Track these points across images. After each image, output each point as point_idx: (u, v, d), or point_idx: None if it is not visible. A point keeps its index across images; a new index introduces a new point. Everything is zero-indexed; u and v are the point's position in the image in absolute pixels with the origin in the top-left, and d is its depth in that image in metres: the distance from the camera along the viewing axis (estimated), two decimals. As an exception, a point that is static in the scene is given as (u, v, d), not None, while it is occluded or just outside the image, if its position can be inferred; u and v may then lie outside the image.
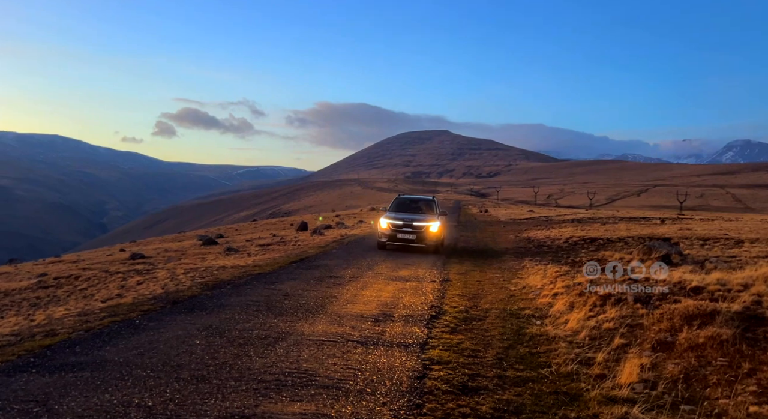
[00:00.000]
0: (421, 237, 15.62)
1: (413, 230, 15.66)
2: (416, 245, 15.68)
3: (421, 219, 16.01)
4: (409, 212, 16.96)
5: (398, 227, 15.79)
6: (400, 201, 18.18)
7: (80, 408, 3.86)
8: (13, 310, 8.70)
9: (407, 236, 15.63)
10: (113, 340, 5.79)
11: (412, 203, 18.09)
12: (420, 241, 15.64)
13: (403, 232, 15.69)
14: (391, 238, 15.84)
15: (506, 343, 6.41)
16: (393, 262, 13.42)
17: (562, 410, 4.45)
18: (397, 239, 15.76)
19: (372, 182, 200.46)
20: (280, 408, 4.07)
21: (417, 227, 15.71)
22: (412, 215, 16.32)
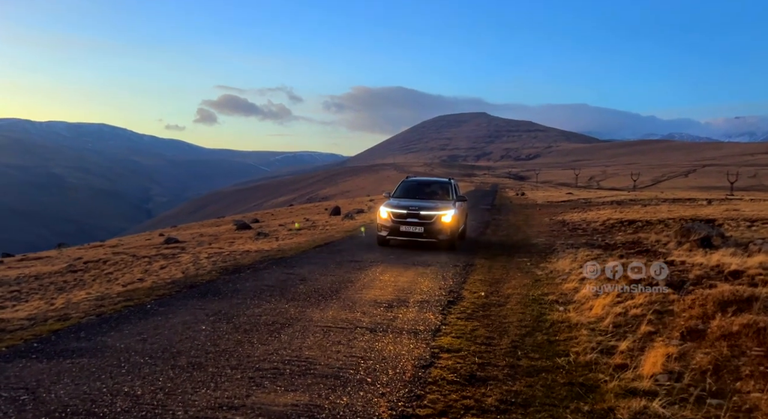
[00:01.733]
0: (430, 230, 12.30)
1: (421, 220, 12.34)
2: (425, 240, 12.40)
3: (431, 207, 12.66)
4: (419, 197, 13.75)
5: (401, 218, 12.43)
6: (407, 184, 14.68)
7: (68, 397, 3.78)
8: (39, 294, 8.87)
9: (413, 229, 12.33)
10: (120, 325, 5.76)
11: (423, 187, 14.70)
12: (430, 235, 12.32)
13: (408, 223, 12.37)
14: (392, 231, 12.54)
15: (524, 330, 6.10)
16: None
17: (575, 403, 4.14)
18: (400, 232, 12.46)
19: (408, 166, 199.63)
20: (272, 398, 3.91)
21: (425, 217, 12.35)
22: (420, 202, 13.02)
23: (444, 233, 12.34)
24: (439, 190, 14.41)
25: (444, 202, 13.29)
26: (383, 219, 12.69)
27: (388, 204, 12.93)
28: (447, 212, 12.45)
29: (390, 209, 12.65)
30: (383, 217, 12.69)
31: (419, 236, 12.34)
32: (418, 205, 12.69)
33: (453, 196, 13.98)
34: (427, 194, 14.20)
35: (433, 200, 13.56)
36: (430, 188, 14.64)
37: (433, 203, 13.10)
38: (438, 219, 12.32)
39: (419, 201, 13.17)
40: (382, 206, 12.90)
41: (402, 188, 14.46)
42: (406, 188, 14.47)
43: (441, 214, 12.37)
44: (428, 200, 13.52)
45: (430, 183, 15.04)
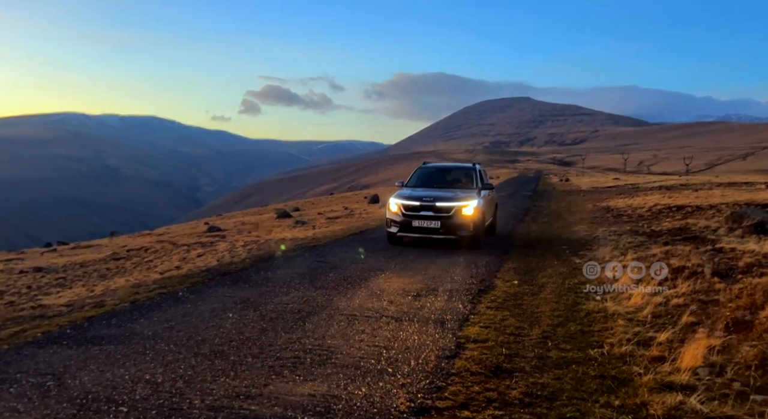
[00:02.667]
0: (449, 224, 10.36)
1: (437, 214, 10.42)
2: (442, 236, 10.49)
3: (450, 197, 10.73)
4: (437, 186, 11.83)
5: (414, 211, 10.52)
6: (423, 171, 12.65)
7: (91, 383, 3.85)
8: (82, 281, 9.18)
9: (427, 224, 10.42)
10: (150, 313, 5.87)
11: (442, 174, 12.75)
12: (448, 230, 10.39)
13: (422, 217, 10.45)
14: (403, 227, 10.63)
15: (556, 320, 5.88)
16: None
17: (605, 397, 3.94)
18: (412, 228, 10.55)
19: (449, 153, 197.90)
20: (290, 388, 3.88)
21: (442, 210, 10.41)
22: (437, 192, 11.13)
23: (465, 228, 10.40)
24: (461, 177, 12.37)
25: (466, 191, 11.31)
26: (393, 213, 10.78)
27: (399, 195, 11.02)
28: (469, 202, 10.50)
29: (400, 200, 10.75)
30: (393, 210, 10.78)
31: (435, 232, 10.42)
32: (434, 195, 10.76)
33: (477, 183, 11.83)
34: (446, 182, 12.25)
35: (454, 189, 11.62)
36: (451, 175, 12.69)
37: (452, 192, 11.15)
38: (458, 212, 10.36)
39: (436, 191, 11.25)
40: (392, 197, 11.01)
41: (417, 176, 12.42)
42: (423, 175, 12.44)
43: (461, 205, 10.41)
44: (448, 189, 11.55)
45: (451, 169, 13.15)
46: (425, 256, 9.75)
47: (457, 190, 11.45)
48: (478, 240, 10.75)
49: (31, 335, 5.16)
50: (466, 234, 10.44)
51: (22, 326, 5.63)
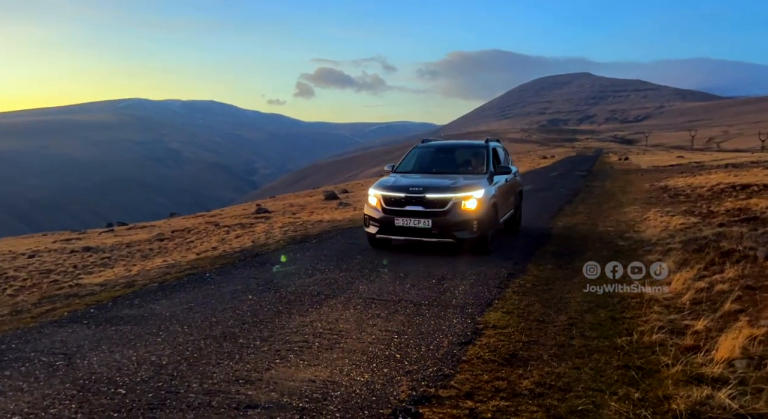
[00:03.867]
0: (443, 223, 7.71)
1: (427, 209, 7.75)
2: (434, 239, 7.85)
3: (445, 187, 7.98)
4: (435, 171, 9.13)
5: (397, 205, 7.90)
6: (420, 152, 9.86)
7: (98, 364, 3.92)
8: (124, 261, 9.51)
9: (415, 223, 7.76)
10: (173, 293, 5.97)
11: (444, 155, 9.85)
12: (442, 231, 7.75)
13: (407, 214, 7.81)
14: (384, 227, 8.01)
15: (586, 306, 5.57)
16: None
17: (625, 389, 3.66)
18: (394, 228, 7.93)
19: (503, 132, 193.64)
20: (291, 373, 3.81)
21: (434, 203, 7.76)
22: (430, 180, 8.40)
23: (466, 228, 7.71)
24: (469, 158, 9.49)
25: (472, 177, 8.49)
26: (371, 207, 8.17)
27: (380, 184, 8.33)
28: (472, 192, 7.80)
29: (380, 191, 8.08)
30: (371, 204, 8.18)
31: (425, 233, 7.72)
32: (424, 184, 8.04)
33: (489, 167, 8.87)
34: (449, 165, 9.39)
35: (456, 174, 8.78)
36: (455, 156, 9.80)
37: (451, 179, 8.31)
38: (456, 206, 7.70)
39: (432, 178, 8.62)
40: (372, 186, 8.39)
41: (412, 159, 9.65)
42: (419, 157, 9.67)
43: (461, 197, 7.74)
44: (449, 174, 8.77)
45: (455, 149, 10.13)
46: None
47: (459, 176, 8.52)
48: (487, 243, 8.01)
49: (58, 314, 5.34)
50: (467, 236, 7.71)
51: (55, 304, 5.85)
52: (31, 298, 6.65)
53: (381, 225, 8.03)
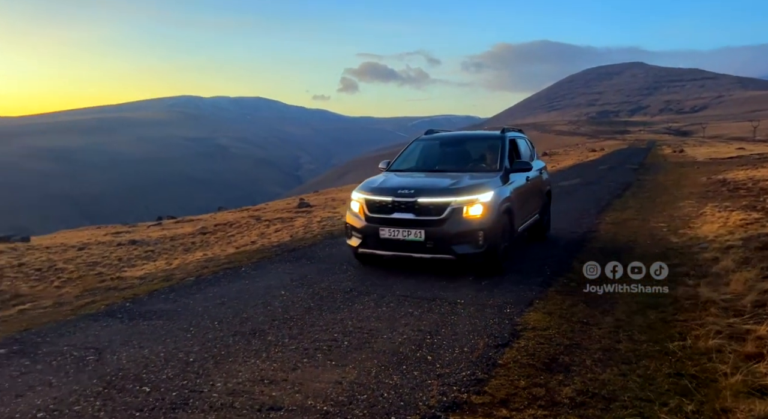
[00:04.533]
0: (439, 236, 6.05)
1: (419, 217, 6.13)
2: (428, 255, 6.17)
3: (443, 189, 6.31)
4: (438, 170, 7.41)
5: (383, 212, 6.31)
6: (422, 146, 8.16)
7: (126, 360, 3.91)
8: (166, 254, 9.67)
9: (404, 235, 6.14)
10: (208, 288, 5.96)
11: (450, 149, 8.15)
12: (438, 245, 6.07)
13: (394, 224, 6.21)
14: (368, 238, 6.42)
15: (635, 307, 5.22)
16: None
17: (677, 399, 3.37)
18: (380, 241, 6.30)
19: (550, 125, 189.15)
20: (317, 374, 3.68)
21: (428, 210, 6.12)
22: (426, 180, 6.85)
23: (469, 241, 6.04)
24: (482, 152, 7.72)
25: (480, 176, 6.73)
26: (353, 214, 6.62)
27: (365, 186, 6.72)
28: (478, 195, 6.14)
29: (363, 194, 6.52)
30: (353, 210, 6.62)
31: (417, 248, 6.11)
32: (417, 185, 6.42)
33: (504, 163, 7.11)
34: (455, 161, 7.63)
35: (463, 172, 7.04)
36: (463, 150, 8.06)
37: (454, 179, 6.59)
38: (456, 213, 6.04)
39: (430, 177, 7.03)
40: (355, 189, 6.77)
41: (411, 154, 7.99)
42: (420, 152, 8.03)
43: (463, 201, 6.07)
44: (453, 173, 7.02)
45: (462, 141, 8.43)
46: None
47: (465, 174, 6.81)
48: (497, 259, 6.26)
49: (96, 307, 5.40)
50: (472, 251, 6.02)
51: (95, 297, 5.94)
52: (75, 290, 6.80)
53: (364, 237, 6.37)
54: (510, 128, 8.29)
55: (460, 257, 6.07)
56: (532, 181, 7.98)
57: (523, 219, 7.49)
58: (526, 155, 8.25)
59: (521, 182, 7.39)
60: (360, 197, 6.55)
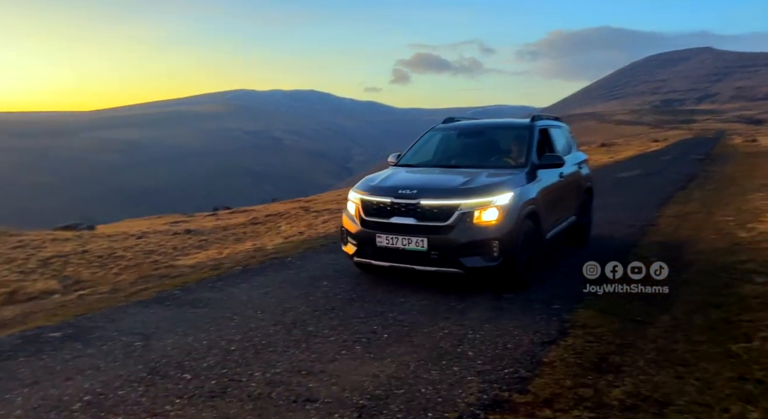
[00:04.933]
0: (442, 244, 5.13)
1: (421, 222, 5.19)
2: (432, 269, 5.22)
3: (451, 189, 5.39)
4: (455, 164, 6.50)
5: (380, 215, 5.42)
6: (438, 137, 7.21)
7: (170, 347, 3.99)
8: (218, 243, 9.91)
9: (404, 244, 5.21)
10: (254, 277, 6.04)
11: (467, 140, 7.17)
12: (442, 255, 5.14)
13: (393, 229, 5.30)
14: (363, 246, 5.53)
15: (695, 305, 4.91)
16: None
17: (740, 405, 3.12)
18: (376, 249, 5.39)
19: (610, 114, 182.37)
20: (355, 366, 3.65)
21: (432, 214, 5.18)
22: (434, 178, 6.05)
23: (481, 252, 5.12)
24: (506, 145, 6.72)
25: (500, 173, 5.75)
26: (349, 216, 5.77)
27: (364, 184, 5.86)
28: (493, 197, 5.20)
29: (360, 194, 5.67)
30: (350, 212, 5.79)
31: (419, 259, 5.21)
32: (421, 184, 5.58)
33: (531, 158, 6.08)
34: (474, 155, 6.67)
35: (482, 168, 6.01)
36: (483, 141, 7.01)
37: (467, 176, 5.61)
38: (466, 218, 5.12)
39: (440, 174, 6.20)
40: (353, 188, 5.93)
41: (424, 146, 7.07)
42: (434, 144, 7.11)
43: (474, 204, 5.15)
44: (470, 169, 5.99)
45: (483, 131, 7.34)
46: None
47: (483, 171, 5.81)
48: (518, 272, 5.32)
49: (147, 294, 5.58)
50: (484, 264, 5.09)
51: (148, 284, 6.14)
52: (130, 277, 7.06)
53: (359, 244, 5.49)
54: (542, 116, 7.27)
55: (470, 271, 5.09)
56: (567, 178, 6.85)
57: (555, 223, 6.50)
58: (562, 148, 7.15)
59: (552, 179, 6.34)
60: (356, 198, 5.65)
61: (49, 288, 7.04)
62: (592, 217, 8.21)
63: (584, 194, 7.78)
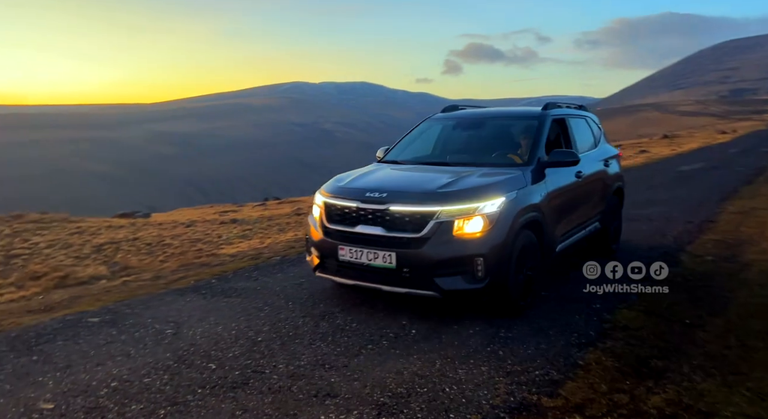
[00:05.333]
0: (414, 261, 4.12)
1: (390, 232, 4.21)
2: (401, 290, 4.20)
3: (428, 193, 4.33)
4: (449, 161, 5.41)
5: (344, 223, 4.49)
6: (434, 128, 6.25)
7: (200, 336, 4.03)
8: (261, 233, 10.06)
9: (369, 258, 4.26)
10: (289, 268, 6.05)
11: (465, 132, 6.14)
12: (414, 274, 4.13)
13: (356, 241, 4.36)
14: (325, 258, 4.62)
15: (752, 309, 4.56)
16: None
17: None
18: (338, 263, 4.47)
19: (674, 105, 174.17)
20: (380, 362, 3.56)
21: (401, 222, 4.21)
22: (412, 177, 5.07)
23: (461, 272, 4.13)
24: (516, 138, 5.64)
25: (495, 174, 4.72)
26: (314, 221, 4.88)
27: (332, 186, 4.90)
28: (479, 203, 4.20)
29: (326, 197, 4.74)
30: (315, 216, 4.89)
31: (386, 278, 4.26)
32: (394, 185, 4.67)
33: (537, 153, 5.03)
34: (473, 150, 5.76)
35: (480, 166, 5.01)
36: (486, 133, 5.95)
37: (454, 176, 4.61)
38: (444, 229, 4.13)
39: (427, 172, 5.13)
40: (320, 189, 4.96)
41: (419, 138, 6.15)
42: (428, 136, 6.20)
43: (455, 211, 4.16)
44: (467, 166, 5.04)
45: (487, 121, 6.17)
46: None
47: (477, 170, 4.83)
48: (508, 297, 4.31)
49: (185, 282, 5.68)
50: (465, 287, 4.13)
51: (188, 273, 6.26)
52: (174, 265, 7.23)
53: (321, 254, 4.64)
54: (560, 104, 6.10)
55: (448, 294, 4.13)
56: (588, 177, 5.79)
57: (569, 232, 5.43)
58: (585, 141, 6.11)
59: (566, 179, 5.28)
60: (320, 200, 4.72)
61: (98, 274, 7.31)
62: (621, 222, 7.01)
63: (612, 196, 6.57)
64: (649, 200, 10.70)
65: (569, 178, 5.38)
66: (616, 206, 6.76)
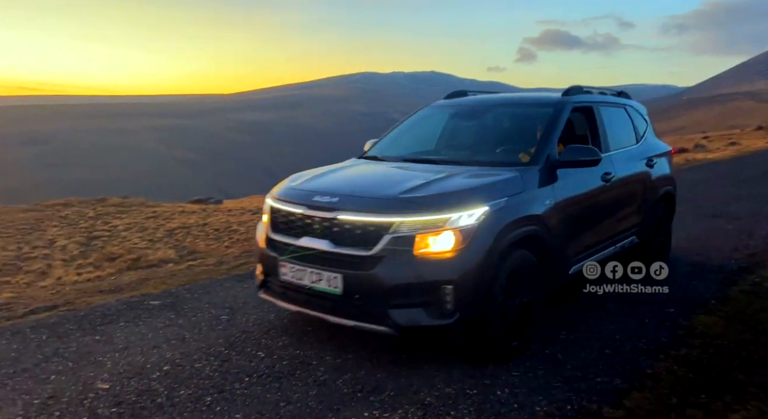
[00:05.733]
0: (364, 286, 3.17)
1: (338, 247, 3.26)
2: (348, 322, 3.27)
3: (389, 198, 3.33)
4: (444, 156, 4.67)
5: (289, 232, 3.58)
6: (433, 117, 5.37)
7: (253, 323, 4.06)
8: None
9: (311, 278, 3.35)
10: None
11: (466, 123, 5.15)
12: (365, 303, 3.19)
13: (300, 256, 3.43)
14: (267, 275, 3.75)
15: None
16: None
17: None
18: (279, 283, 3.59)
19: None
20: (429, 360, 3.44)
21: (351, 236, 3.25)
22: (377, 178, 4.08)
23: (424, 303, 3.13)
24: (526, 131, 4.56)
25: (486, 173, 3.72)
26: (259, 230, 3.96)
27: (284, 187, 3.92)
28: (452, 214, 3.18)
29: (272, 200, 3.81)
30: (263, 221, 3.91)
31: (333, 306, 3.34)
32: (350, 188, 3.73)
33: (547, 151, 3.93)
34: (476, 144, 4.82)
35: (473, 164, 4.03)
36: (491, 124, 4.92)
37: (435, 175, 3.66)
38: (401, 248, 3.13)
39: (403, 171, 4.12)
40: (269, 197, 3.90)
41: (412, 129, 5.25)
42: (425, 126, 5.42)
43: (418, 224, 3.16)
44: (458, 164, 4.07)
45: (492, 110, 5.07)
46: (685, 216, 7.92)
47: (468, 169, 3.88)
48: (489, 336, 3.29)
49: (245, 268, 5.78)
50: (427, 323, 3.14)
51: (249, 259, 6.36)
52: (237, 251, 7.41)
53: (264, 270, 3.80)
54: (588, 89, 4.93)
55: (405, 331, 3.17)
56: (621, 180, 4.67)
57: (589, 249, 4.35)
58: (621, 136, 5.01)
59: (589, 183, 4.27)
60: (268, 204, 3.86)
61: (166, 257, 7.61)
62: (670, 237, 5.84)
63: (657, 205, 5.39)
64: (735, 195, 9.90)
65: (593, 181, 4.30)
66: (662, 216, 5.55)
